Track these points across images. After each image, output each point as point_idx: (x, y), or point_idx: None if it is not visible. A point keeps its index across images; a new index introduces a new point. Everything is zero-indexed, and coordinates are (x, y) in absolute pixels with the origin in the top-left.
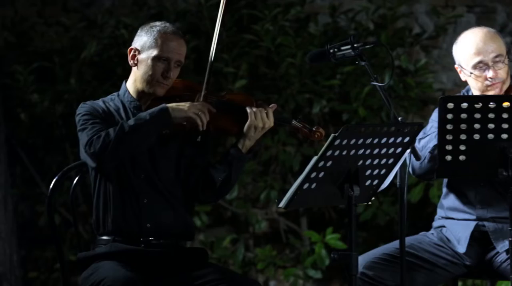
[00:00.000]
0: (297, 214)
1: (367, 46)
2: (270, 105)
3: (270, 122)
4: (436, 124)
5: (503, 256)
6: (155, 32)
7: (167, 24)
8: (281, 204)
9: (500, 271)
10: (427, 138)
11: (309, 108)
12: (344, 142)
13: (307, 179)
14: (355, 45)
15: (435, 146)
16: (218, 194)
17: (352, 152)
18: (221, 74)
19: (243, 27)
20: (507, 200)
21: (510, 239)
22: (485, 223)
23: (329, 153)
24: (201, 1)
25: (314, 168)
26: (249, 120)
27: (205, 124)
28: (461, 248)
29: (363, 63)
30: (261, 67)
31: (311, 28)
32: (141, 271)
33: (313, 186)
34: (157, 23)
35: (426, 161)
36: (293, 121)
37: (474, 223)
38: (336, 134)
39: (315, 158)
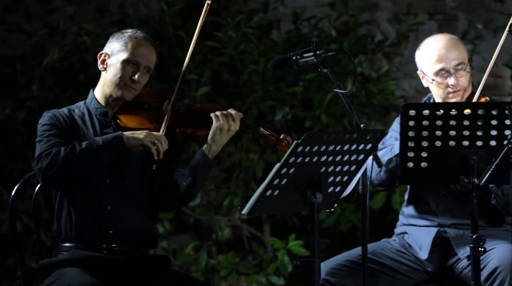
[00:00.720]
0: (260, 220)
1: (330, 53)
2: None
3: (235, 125)
4: (395, 134)
5: (464, 262)
6: (125, 37)
7: (138, 31)
8: (244, 211)
9: (462, 277)
10: (383, 151)
11: (272, 115)
12: (307, 149)
13: (270, 185)
14: (318, 52)
15: (389, 159)
16: (183, 200)
17: (315, 158)
18: (184, 81)
19: (206, 34)
20: (469, 207)
21: (471, 245)
22: (447, 230)
23: (291, 159)
24: (164, 8)
25: (277, 174)
26: (214, 122)
27: (161, 154)
28: (423, 255)
29: (325, 70)
30: (224, 74)
31: (274, 35)
32: (104, 278)
33: (276, 192)
34: (128, 30)
35: (382, 173)
36: (261, 129)
37: (435, 229)
38: (299, 141)
39: (278, 165)
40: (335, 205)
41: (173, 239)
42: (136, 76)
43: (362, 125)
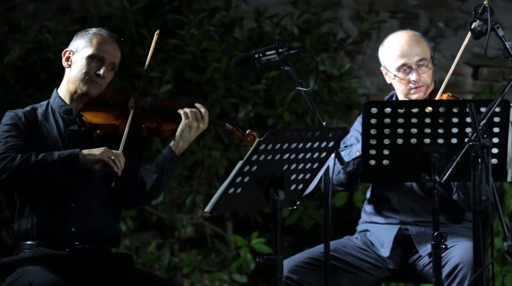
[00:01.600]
0: (222, 218)
1: (292, 51)
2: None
3: (204, 123)
4: (356, 133)
5: (425, 260)
6: (90, 34)
7: (103, 29)
8: (207, 209)
9: (423, 274)
10: (342, 153)
11: (234, 113)
12: (270, 147)
13: (232, 183)
14: (280, 50)
15: (347, 162)
16: (148, 197)
17: (277, 156)
18: (146, 78)
19: (168, 32)
20: (430, 204)
21: (432, 242)
22: (408, 227)
23: (254, 157)
24: (126, 5)
25: (240, 172)
26: (183, 120)
27: (120, 171)
28: (385, 252)
29: (288, 68)
30: (187, 72)
31: (236, 33)
32: (66, 276)
33: (239, 190)
34: (93, 28)
35: (341, 174)
36: (227, 124)
37: (397, 227)
38: (262, 139)
39: (240, 163)
40: (298, 202)
41: (136, 237)
42: (101, 71)
43: (324, 123)
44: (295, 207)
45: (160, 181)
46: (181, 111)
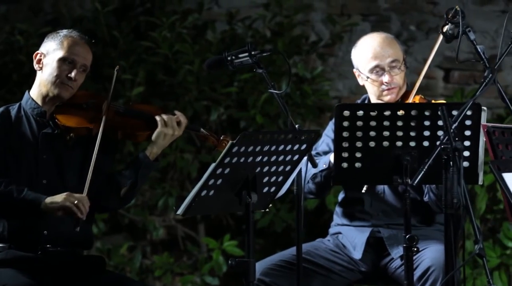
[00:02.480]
0: (194, 221)
1: (264, 54)
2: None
3: (180, 131)
4: (327, 139)
5: (397, 262)
6: (61, 36)
7: (74, 31)
8: (179, 211)
9: (395, 277)
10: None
11: (206, 116)
12: (242, 149)
13: (205, 186)
14: (253, 52)
15: (315, 174)
16: (122, 202)
17: (250, 159)
18: (119, 81)
19: (141, 34)
20: (402, 207)
21: (404, 245)
22: (380, 229)
23: (227, 160)
24: (98, 7)
25: (212, 175)
26: (159, 127)
27: (84, 216)
28: (357, 254)
29: (260, 70)
30: (159, 74)
31: (209, 35)
32: (38, 279)
33: (211, 193)
34: (64, 30)
35: (310, 184)
36: (202, 130)
37: (369, 229)
38: (234, 141)
39: (213, 165)
40: (270, 205)
41: (108, 239)
42: (73, 74)
43: (297, 126)
44: (267, 210)
45: (134, 186)
46: (158, 118)
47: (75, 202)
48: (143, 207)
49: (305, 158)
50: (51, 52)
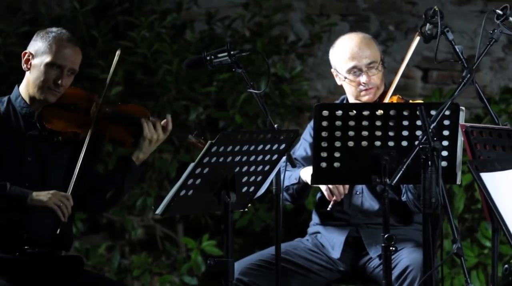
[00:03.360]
0: (173, 220)
1: (244, 54)
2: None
3: (164, 136)
4: (304, 144)
5: (376, 262)
6: (50, 38)
7: (63, 31)
8: (158, 211)
9: (373, 276)
10: (287, 174)
11: (185, 115)
12: (221, 149)
13: (184, 185)
14: (232, 52)
15: (287, 186)
16: (107, 205)
17: (229, 158)
18: (97, 80)
19: (119, 34)
20: (380, 206)
21: (383, 244)
22: (359, 229)
23: (206, 159)
24: (77, 6)
25: (191, 174)
26: (144, 132)
27: (66, 216)
28: (335, 254)
29: (239, 70)
30: (138, 74)
31: (188, 35)
32: (17, 281)
33: (190, 192)
34: (54, 29)
35: (285, 193)
36: (189, 136)
37: (348, 229)
38: (213, 141)
39: (192, 165)
40: (249, 204)
41: (86, 239)
42: (60, 81)
43: (275, 126)
44: (246, 209)
45: (121, 191)
46: (144, 124)
47: (60, 204)
48: (122, 206)
49: (284, 157)
50: (39, 54)
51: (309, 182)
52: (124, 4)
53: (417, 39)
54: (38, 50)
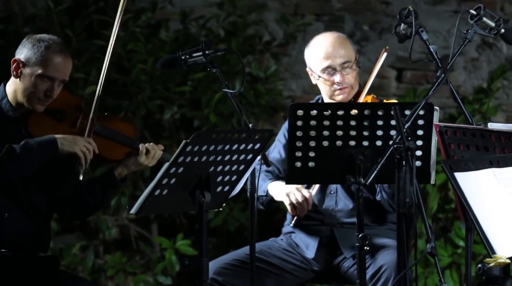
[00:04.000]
0: (147, 220)
1: (219, 53)
2: (158, 145)
3: (154, 162)
4: (279, 146)
5: (350, 261)
6: (42, 48)
7: (56, 39)
8: (132, 210)
9: (348, 276)
10: (260, 181)
11: (160, 115)
12: (196, 148)
13: (158, 185)
14: (206, 52)
15: (260, 196)
16: (87, 214)
17: (204, 158)
18: (71, 80)
19: (93, 33)
20: (355, 206)
21: (357, 244)
22: (333, 229)
23: (180, 159)
24: (51, 6)
25: (166, 174)
26: (140, 156)
27: (88, 163)
28: (310, 254)
29: (214, 70)
30: (112, 73)
31: (162, 34)
32: None
33: (165, 192)
34: (45, 37)
35: (257, 202)
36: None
37: (322, 228)
38: (188, 140)
39: (166, 164)
40: (224, 204)
41: (60, 238)
42: (50, 93)
43: (250, 125)
44: (220, 209)
45: (101, 203)
46: (141, 148)
47: (85, 151)
48: None
49: (259, 157)
50: (31, 64)
51: (275, 198)
52: (98, 3)
53: (384, 54)
54: (29, 60)
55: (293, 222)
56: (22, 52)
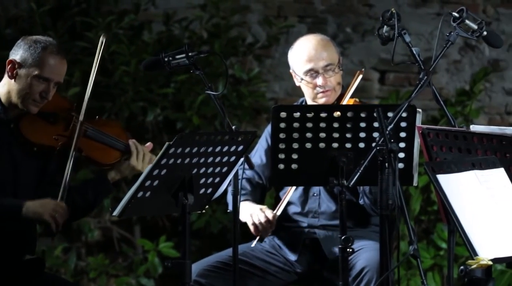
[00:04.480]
0: (130, 222)
1: (202, 55)
2: (146, 145)
3: (146, 165)
4: (260, 151)
5: (333, 263)
6: (39, 50)
7: (51, 41)
8: (115, 212)
9: (330, 278)
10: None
11: (143, 117)
12: (179, 150)
13: (141, 187)
14: (190, 53)
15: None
16: (76, 217)
17: (187, 160)
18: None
19: (76, 35)
20: (337, 208)
21: (340, 246)
22: (316, 231)
23: (163, 161)
24: (33, 7)
25: (149, 176)
26: (131, 160)
27: (59, 227)
28: (293, 256)
29: (197, 72)
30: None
31: (145, 36)
32: None
33: (148, 194)
34: (41, 38)
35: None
36: None
37: (305, 230)
38: (171, 142)
39: (149, 166)
40: (206, 206)
41: (42, 240)
42: (45, 94)
43: (233, 127)
44: (203, 211)
45: (92, 207)
46: (133, 152)
47: (55, 215)
48: None
49: (242, 159)
50: (26, 65)
51: (240, 217)
52: (81, 4)
53: (359, 77)
54: (25, 61)
55: (254, 242)
56: (18, 53)
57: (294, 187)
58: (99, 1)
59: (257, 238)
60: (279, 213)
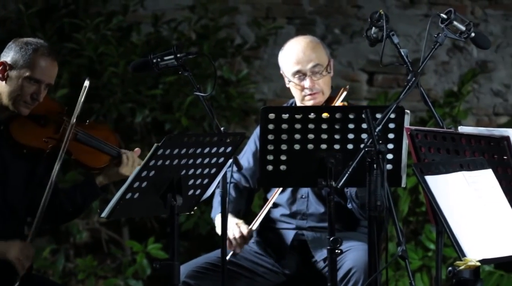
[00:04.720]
0: (118, 223)
1: (190, 56)
2: (135, 150)
3: (133, 170)
4: (248, 154)
5: (321, 265)
6: (30, 51)
7: (43, 43)
8: (104, 214)
9: (319, 279)
10: (216, 203)
11: (131, 118)
12: (167, 152)
13: (130, 188)
14: (178, 55)
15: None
16: (64, 220)
17: (175, 161)
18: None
19: (64, 36)
20: (326, 210)
21: (328, 247)
22: (304, 232)
23: (152, 162)
24: (22, 8)
25: (137, 177)
26: (122, 167)
27: (25, 269)
28: (281, 257)
29: (186, 73)
30: (83, 76)
31: (134, 37)
32: None
33: (136, 195)
34: (32, 40)
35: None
36: None
37: (293, 232)
38: (159, 144)
39: (138, 168)
40: (195, 207)
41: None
42: (36, 96)
43: (222, 129)
44: (192, 212)
45: (81, 209)
46: (124, 158)
47: (21, 257)
48: None
49: (230, 160)
50: (18, 67)
51: (217, 230)
52: (69, 6)
53: (344, 93)
54: (17, 62)
55: (229, 256)
56: (9, 55)
57: (278, 192)
58: (88, 2)
59: (231, 252)
60: (254, 227)
